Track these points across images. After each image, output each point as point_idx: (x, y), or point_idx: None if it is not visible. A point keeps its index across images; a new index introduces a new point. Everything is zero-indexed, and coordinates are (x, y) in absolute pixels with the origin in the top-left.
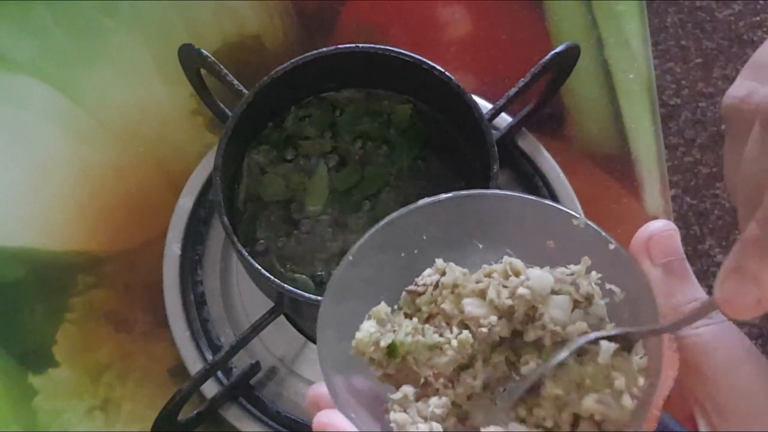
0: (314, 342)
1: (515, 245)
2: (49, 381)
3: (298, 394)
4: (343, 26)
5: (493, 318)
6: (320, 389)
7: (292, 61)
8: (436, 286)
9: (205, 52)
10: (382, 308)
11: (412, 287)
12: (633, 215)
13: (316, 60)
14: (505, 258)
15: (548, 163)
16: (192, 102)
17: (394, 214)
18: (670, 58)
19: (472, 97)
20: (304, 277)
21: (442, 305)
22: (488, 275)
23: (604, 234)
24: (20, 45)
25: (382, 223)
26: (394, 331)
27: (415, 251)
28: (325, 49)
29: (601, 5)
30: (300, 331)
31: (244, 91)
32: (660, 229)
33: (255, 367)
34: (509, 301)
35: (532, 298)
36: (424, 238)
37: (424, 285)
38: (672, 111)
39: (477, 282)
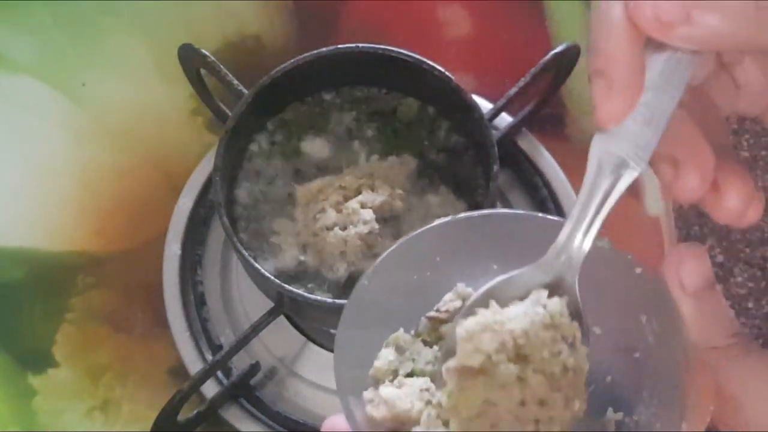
0: (314, 342)
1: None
2: (48, 381)
3: (298, 395)
4: (344, 26)
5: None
6: (336, 420)
7: (291, 61)
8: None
9: (205, 52)
10: (401, 335)
11: (433, 313)
12: (633, 215)
13: (316, 60)
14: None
15: (548, 163)
16: (192, 102)
17: (409, 235)
18: None
19: (472, 98)
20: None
21: None
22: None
23: (630, 257)
24: (20, 45)
25: (396, 244)
26: (414, 359)
27: (428, 273)
28: (324, 49)
29: None
30: (300, 331)
31: (244, 91)
32: (691, 253)
33: (255, 368)
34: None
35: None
36: (438, 259)
37: (446, 311)
38: None
39: None
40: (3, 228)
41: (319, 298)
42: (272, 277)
